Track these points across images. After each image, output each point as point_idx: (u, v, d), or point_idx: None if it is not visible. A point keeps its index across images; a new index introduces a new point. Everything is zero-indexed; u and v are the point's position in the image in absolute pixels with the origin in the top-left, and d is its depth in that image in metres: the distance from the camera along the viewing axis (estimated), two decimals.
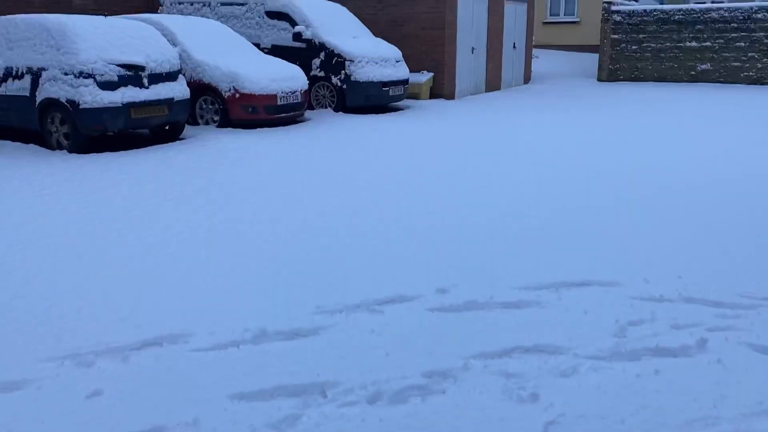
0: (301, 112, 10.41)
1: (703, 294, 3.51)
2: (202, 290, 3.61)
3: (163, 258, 4.09)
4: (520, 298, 3.47)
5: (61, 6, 11.11)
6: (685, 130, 9.86)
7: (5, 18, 8.05)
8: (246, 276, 3.85)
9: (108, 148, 7.77)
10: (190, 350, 2.89)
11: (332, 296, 3.50)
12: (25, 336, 3.01)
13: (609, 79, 20.15)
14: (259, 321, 3.15)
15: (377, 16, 14.52)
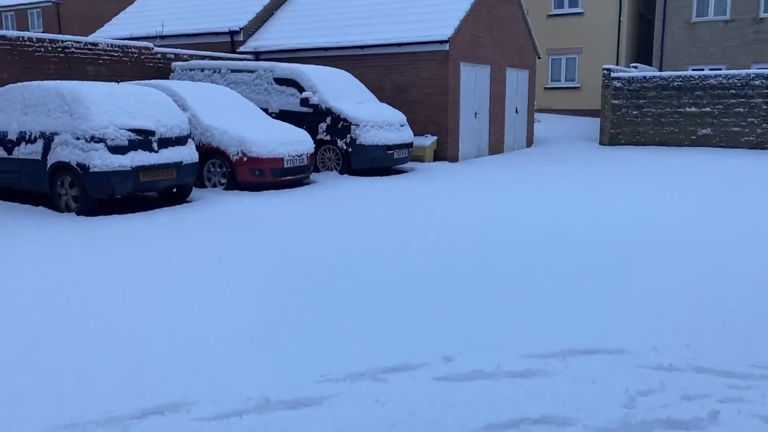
0: (307, 175, 10.54)
1: (712, 363, 3.45)
2: (204, 355, 3.57)
3: (166, 322, 4.07)
4: (527, 367, 3.42)
5: (76, 73, 11.47)
6: (689, 194, 9.89)
7: (22, 84, 8.31)
8: (249, 340, 3.81)
9: (116, 210, 7.86)
10: (191, 419, 2.83)
11: (336, 362, 3.46)
12: (26, 403, 2.96)
13: (611, 143, 20.38)
14: (262, 389, 3.10)
15: (382, 82, 14.91)
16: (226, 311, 4.31)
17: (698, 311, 4.37)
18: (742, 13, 24.49)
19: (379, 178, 11.42)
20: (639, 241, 6.51)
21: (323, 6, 17.04)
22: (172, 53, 13.66)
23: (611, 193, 10.12)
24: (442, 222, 7.52)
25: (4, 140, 8.17)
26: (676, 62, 25.98)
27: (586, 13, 26.53)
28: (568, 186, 11.15)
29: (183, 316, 4.21)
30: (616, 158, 15.95)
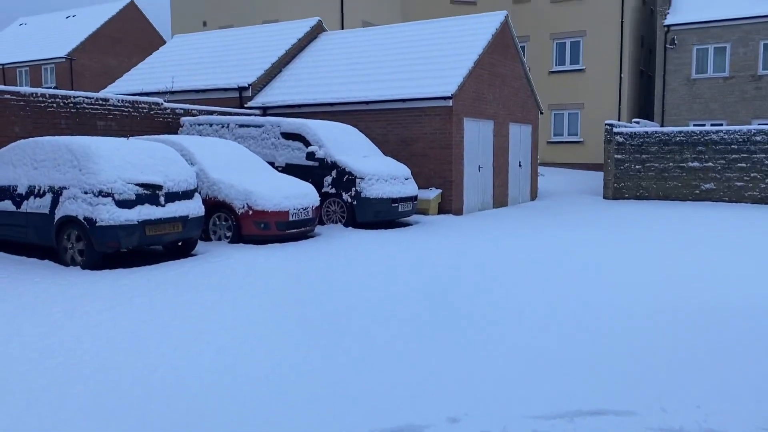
0: (312, 228, 10.59)
1: (723, 426, 3.38)
2: (199, 416, 3.51)
3: (166, 382, 4.02)
4: (534, 429, 3.35)
5: (86, 128, 11.70)
6: (695, 251, 9.83)
7: (33, 140, 8.48)
8: (247, 402, 3.77)
9: (121, 264, 7.88)
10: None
11: (338, 425, 3.40)
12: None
13: (614, 197, 20.45)
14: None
15: (387, 136, 15.12)
16: (226, 372, 4.26)
17: (708, 372, 4.31)
18: (741, 71, 25.11)
19: (383, 231, 11.45)
20: (646, 300, 6.47)
21: (329, 64, 17.48)
22: (181, 108, 13.94)
23: (620, 249, 10.11)
24: (447, 277, 7.50)
25: (14, 194, 8.27)
26: (677, 118, 26.46)
27: (587, 69, 27.20)
28: (575, 241, 11.12)
29: (182, 376, 4.17)
30: (620, 213, 15.95)
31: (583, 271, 7.97)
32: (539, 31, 28.15)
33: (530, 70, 24.03)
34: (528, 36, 28.37)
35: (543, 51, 28.30)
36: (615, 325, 5.46)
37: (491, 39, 16.13)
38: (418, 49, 16.89)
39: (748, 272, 7.94)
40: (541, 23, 28.38)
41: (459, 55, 15.71)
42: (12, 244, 8.95)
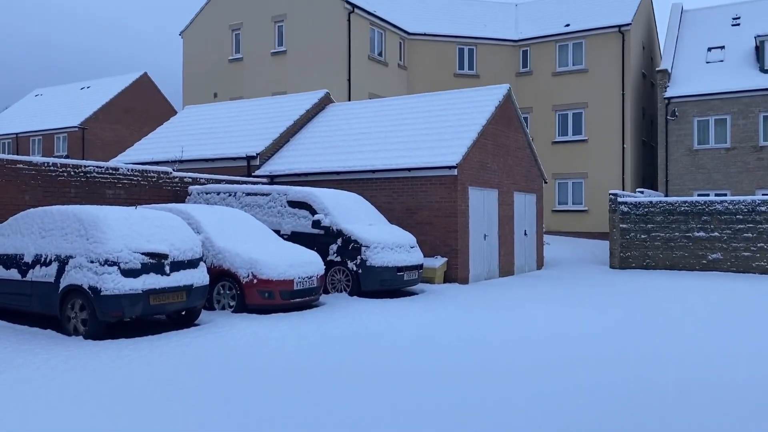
0: (317, 297, 10.53)
1: None
2: None
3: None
4: None
5: (95, 197, 11.86)
6: (708, 325, 9.79)
7: (42, 209, 8.61)
8: None
9: (123, 332, 7.81)
10: None
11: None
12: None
13: (621, 267, 20.39)
14: None
15: (393, 204, 15.27)
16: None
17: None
18: (742, 142, 25.57)
19: (388, 300, 11.36)
20: (666, 380, 6.36)
21: (336, 134, 17.87)
22: (189, 177, 14.17)
23: (633, 322, 10.02)
24: (452, 353, 7.39)
25: (20, 263, 8.31)
26: (680, 187, 26.68)
27: (590, 140, 27.80)
28: (576, 306, 11.04)
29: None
30: (629, 283, 15.85)
31: (593, 346, 7.81)
32: (542, 102, 28.95)
33: (534, 140, 24.49)
34: (531, 107, 29.13)
35: (546, 122, 28.95)
36: (619, 404, 5.33)
37: (494, 110, 16.53)
38: (424, 119, 17.25)
39: None
40: (543, 95, 29.17)
41: (463, 126, 16.03)
42: (15, 312, 8.91)
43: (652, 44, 33.80)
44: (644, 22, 31.38)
